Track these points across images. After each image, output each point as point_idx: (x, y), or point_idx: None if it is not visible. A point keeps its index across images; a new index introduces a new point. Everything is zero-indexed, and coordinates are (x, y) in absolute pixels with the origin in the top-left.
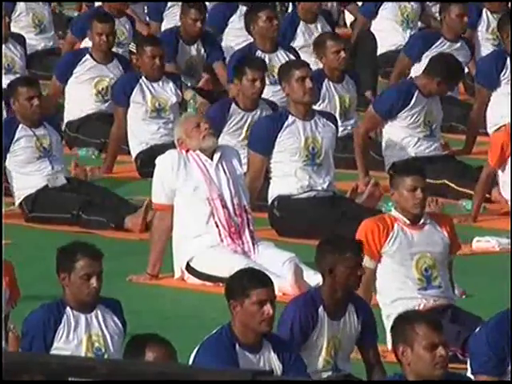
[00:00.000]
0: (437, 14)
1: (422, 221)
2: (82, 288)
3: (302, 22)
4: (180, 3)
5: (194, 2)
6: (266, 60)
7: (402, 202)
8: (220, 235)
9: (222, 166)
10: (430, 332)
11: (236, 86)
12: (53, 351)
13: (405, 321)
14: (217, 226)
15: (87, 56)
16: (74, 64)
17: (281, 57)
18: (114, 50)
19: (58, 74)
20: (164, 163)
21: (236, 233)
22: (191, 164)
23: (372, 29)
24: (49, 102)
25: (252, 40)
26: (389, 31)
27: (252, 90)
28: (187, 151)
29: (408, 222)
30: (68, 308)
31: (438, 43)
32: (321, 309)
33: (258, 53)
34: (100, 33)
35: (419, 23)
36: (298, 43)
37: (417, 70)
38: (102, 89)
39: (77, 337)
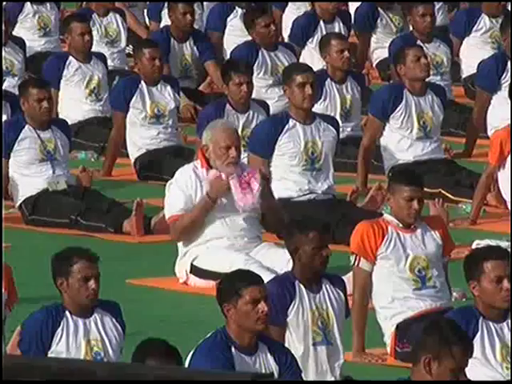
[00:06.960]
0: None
1: (414, 224)
2: (80, 291)
3: (321, 22)
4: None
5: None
6: (268, 58)
7: (397, 209)
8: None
9: (234, 180)
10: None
11: (225, 90)
12: (51, 354)
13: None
14: (228, 239)
15: (70, 58)
16: (59, 68)
17: (281, 55)
18: (109, 49)
19: (49, 80)
20: (183, 179)
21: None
22: (204, 182)
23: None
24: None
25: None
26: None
27: (239, 95)
28: (202, 166)
29: (401, 225)
30: (67, 312)
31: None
32: (296, 282)
33: (262, 50)
34: (83, 32)
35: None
36: (316, 42)
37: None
38: (94, 88)
39: (75, 342)
